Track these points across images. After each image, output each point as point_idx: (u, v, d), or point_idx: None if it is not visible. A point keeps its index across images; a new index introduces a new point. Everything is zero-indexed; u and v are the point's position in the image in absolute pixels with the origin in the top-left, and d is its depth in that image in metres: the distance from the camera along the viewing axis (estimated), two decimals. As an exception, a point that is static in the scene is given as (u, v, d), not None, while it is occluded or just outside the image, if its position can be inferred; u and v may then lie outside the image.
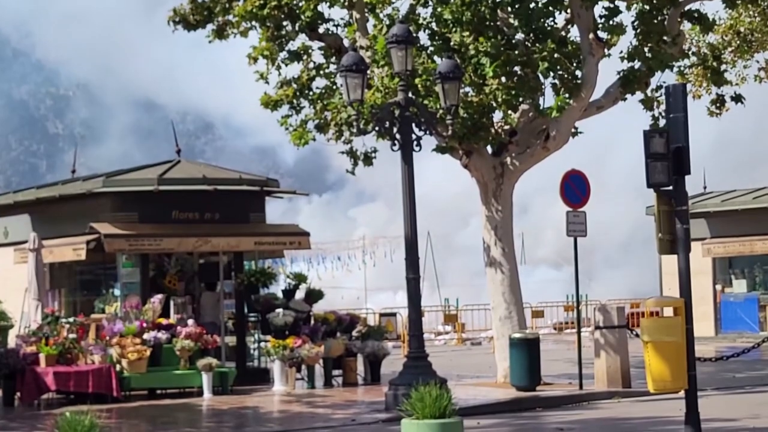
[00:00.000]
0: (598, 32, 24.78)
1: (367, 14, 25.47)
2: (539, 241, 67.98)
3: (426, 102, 23.39)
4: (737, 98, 27.44)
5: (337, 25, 26.17)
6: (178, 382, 25.54)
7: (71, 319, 26.14)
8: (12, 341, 26.19)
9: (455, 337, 45.49)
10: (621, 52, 25.16)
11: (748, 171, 53.60)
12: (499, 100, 24.03)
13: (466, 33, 23.64)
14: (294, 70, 26.46)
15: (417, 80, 23.60)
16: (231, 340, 27.75)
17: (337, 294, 55.25)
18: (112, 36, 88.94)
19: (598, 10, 24.72)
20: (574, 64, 24.78)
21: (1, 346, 25.81)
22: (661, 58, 24.80)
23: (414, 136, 21.76)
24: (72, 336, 25.08)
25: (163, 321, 25.79)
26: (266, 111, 26.64)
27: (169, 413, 22.78)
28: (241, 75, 29.28)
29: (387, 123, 21.97)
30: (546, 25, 24.53)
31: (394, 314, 39.60)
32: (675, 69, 27.20)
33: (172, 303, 26.74)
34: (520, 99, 24.67)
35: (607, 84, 25.65)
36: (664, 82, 24.80)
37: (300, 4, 25.25)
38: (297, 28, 25.86)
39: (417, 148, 21.83)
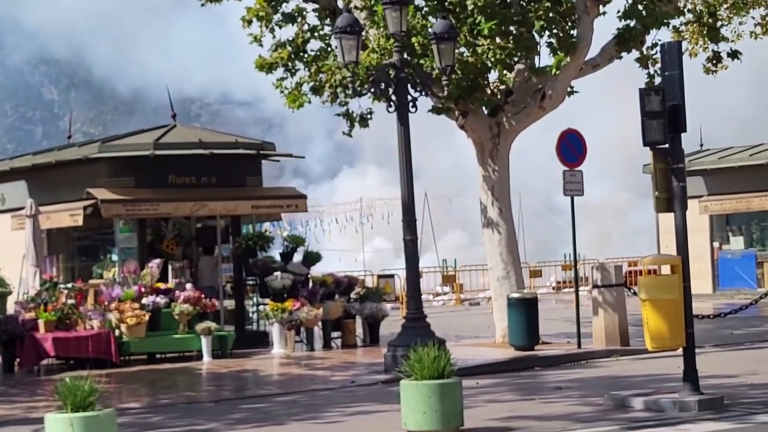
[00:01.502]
0: (593, -10, 24.76)
1: (361, -25, 25.43)
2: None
3: (422, 62, 23.36)
4: (733, 54, 27.40)
5: (331, -14, 26.13)
6: (177, 347, 25.60)
7: (69, 285, 26.20)
8: (11, 308, 26.23)
9: (453, 297, 45.57)
10: (617, 11, 25.12)
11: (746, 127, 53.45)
12: (494, 59, 24.04)
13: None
14: (288, 32, 26.41)
15: (414, 39, 23.56)
16: (229, 303, 27.81)
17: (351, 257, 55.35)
18: (105, 3, 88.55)
19: (593, -32, 24.69)
20: (570, 23, 24.76)
21: (-1, 313, 25.91)
22: (656, 16, 24.78)
23: (410, 98, 21.76)
24: (70, 302, 25.13)
25: (162, 285, 25.83)
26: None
27: (169, 377, 22.86)
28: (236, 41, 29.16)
29: (382, 84, 21.95)
30: (540, -17, 24.52)
31: (392, 276, 39.63)
32: (670, 26, 27.17)
33: (170, 267, 26.76)
34: (516, 58, 24.66)
35: (602, 42, 25.63)
36: (660, 40, 24.72)
37: (294, -34, 25.21)
38: (291, -10, 25.82)
39: (413, 110, 21.84)
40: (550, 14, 24.23)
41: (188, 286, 26.00)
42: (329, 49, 25.75)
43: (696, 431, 13.97)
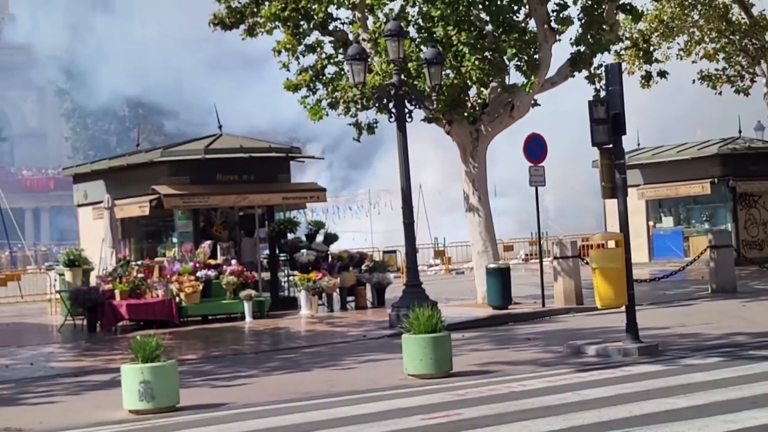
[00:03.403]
0: (551, 23, 24.69)
1: (367, 14, 25.39)
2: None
3: (416, 82, 23.33)
4: (662, 74, 27.37)
5: (343, 23, 26.08)
6: (225, 310, 25.59)
7: (139, 262, 26.23)
8: (93, 281, 26.26)
9: (443, 268, 45.50)
10: (570, 39, 25.08)
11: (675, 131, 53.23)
12: (474, 79, 24.02)
13: (450, 27, 23.57)
14: (310, 59, 26.40)
15: (409, 65, 23.53)
16: (266, 275, 27.78)
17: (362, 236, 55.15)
18: (161, 52, 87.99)
19: (551, 5, 24.63)
20: (533, 50, 24.70)
21: (84, 285, 25.91)
22: (601, 43, 24.74)
23: (406, 110, 21.72)
24: (140, 275, 25.14)
25: (212, 261, 25.81)
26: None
27: (219, 334, 22.87)
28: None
29: (385, 100, 21.92)
30: (510, 18, 24.45)
31: (394, 251, 39.47)
32: (612, 51, 27.13)
33: (218, 247, 26.74)
34: (491, 78, 24.62)
35: (559, 64, 25.58)
36: (604, 62, 24.70)
37: (314, 7, 25.12)
38: (311, 26, 25.75)
39: (409, 120, 21.81)
40: (518, 43, 24.18)
41: (233, 261, 25.99)
42: (342, 72, 25.70)
43: (636, 371, 13.95)
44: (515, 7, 24.51)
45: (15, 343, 22.52)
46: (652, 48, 28.96)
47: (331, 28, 25.91)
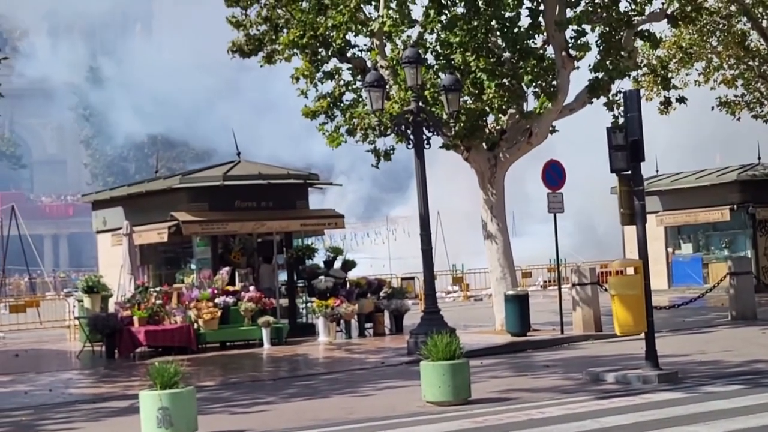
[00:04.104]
0: (569, 50, 24.71)
1: (385, 41, 25.44)
2: None
3: (433, 109, 23.36)
4: (681, 99, 27.34)
5: (361, 50, 26.12)
6: (243, 336, 25.58)
7: (158, 289, 26.25)
8: (111, 307, 26.30)
9: (461, 294, 45.39)
10: (589, 65, 25.09)
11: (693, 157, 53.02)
12: (495, 106, 24.06)
13: (468, 53, 23.61)
14: (328, 86, 26.44)
15: (426, 92, 23.56)
16: (284, 301, 27.77)
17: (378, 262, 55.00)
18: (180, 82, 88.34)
19: (569, 32, 24.66)
20: (551, 76, 24.72)
21: (103, 311, 25.95)
22: (619, 69, 24.74)
23: (424, 137, 21.75)
24: (158, 302, 25.17)
25: (230, 288, 25.83)
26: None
27: (237, 361, 22.85)
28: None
29: (403, 127, 21.96)
30: (528, 45, 24.48)
31: (412, 278, 39.40)
32: (631, 77, 27.08)
33: (236, 274, 26.76)
34: (509, 105, 24.64)
35: (577, 91, 25.59)
36: (623, 88, 24.67)
37: (332, 34, 25.20)
38: (330, 54, 25.80)
39: (427, 147, 21.84)
40: (536, 69, 24.20)
41: (251, 288, 26.00)
42: (360, 99, 25.75)
43: (656, 399, 13.90)
44: (533, 34, 24.58)
45: (34, 370, 22.56)
46: (670, 74, 28.93)
47: (349, 55, 25.97)
